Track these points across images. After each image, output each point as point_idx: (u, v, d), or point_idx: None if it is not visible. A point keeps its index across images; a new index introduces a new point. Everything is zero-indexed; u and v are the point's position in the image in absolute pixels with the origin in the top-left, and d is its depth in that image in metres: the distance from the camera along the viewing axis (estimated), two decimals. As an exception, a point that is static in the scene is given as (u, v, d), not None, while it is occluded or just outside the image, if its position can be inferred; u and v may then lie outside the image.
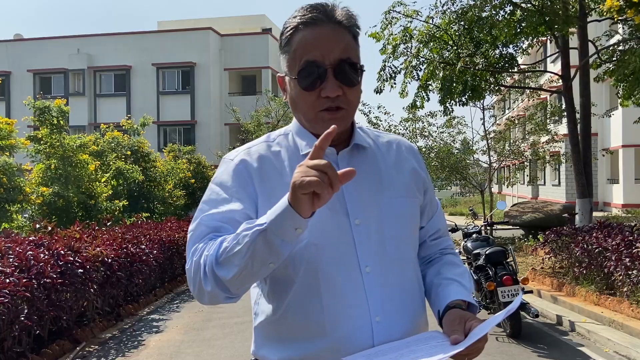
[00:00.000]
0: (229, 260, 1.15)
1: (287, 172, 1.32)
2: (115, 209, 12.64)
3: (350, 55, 1.28)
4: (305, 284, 1.27)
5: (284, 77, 1.34)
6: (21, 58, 31.24)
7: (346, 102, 1.29)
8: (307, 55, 1.26)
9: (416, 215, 1.40)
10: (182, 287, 9.82)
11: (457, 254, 1.52)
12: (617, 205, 23.27)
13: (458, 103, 11.82)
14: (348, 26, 1.30)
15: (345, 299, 1.26)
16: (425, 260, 1.49)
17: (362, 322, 1.25)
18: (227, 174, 1.33)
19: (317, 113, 1.28)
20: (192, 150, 22.44)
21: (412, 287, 1.35)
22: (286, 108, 24.12)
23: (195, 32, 30.43)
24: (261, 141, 1.41)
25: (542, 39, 13.55)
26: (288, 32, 1.30)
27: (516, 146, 19.11)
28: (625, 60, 9.85)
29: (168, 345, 5.95)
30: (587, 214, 10.53)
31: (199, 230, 1.27)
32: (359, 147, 1.37)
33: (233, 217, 1.25)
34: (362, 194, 1.32)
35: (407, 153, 1.45)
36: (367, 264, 1.28)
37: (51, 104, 12.35)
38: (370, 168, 1.36)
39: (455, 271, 1.42)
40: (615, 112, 22.14)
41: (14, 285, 4.67)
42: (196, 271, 1.21)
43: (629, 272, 6.18)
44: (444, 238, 1.51)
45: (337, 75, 1.26)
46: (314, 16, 1.28)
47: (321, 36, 1.27)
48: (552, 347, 5.65)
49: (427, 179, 1.46)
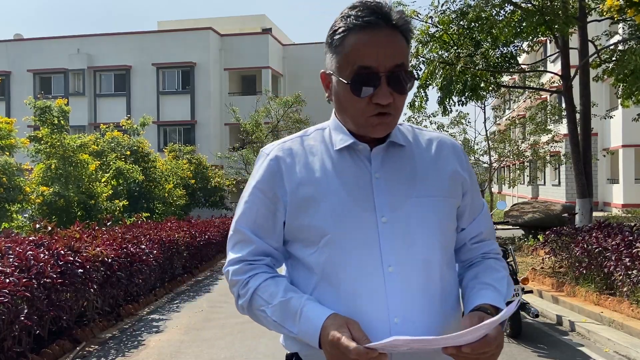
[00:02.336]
0: (257, 317, 1.35)
1: (316, 167, 1.33)
2: (115, 208, 12.65)
3: (403, 61, 1.26)
4: (326, 279, 1.28)
5: (330, 75, 1.32)
6: (21, 58, 31.24)
7: (395, 109, 1.27)
8: (361, 61, 1.24)
9: (449, 216, 1.35)
10: (182, 287, 9.82)
11: (500, 258, 1.46)
12: (617, 205, 23.28)
13: (457, 103, 11.83)
14: (403, 30, 1.27)
15: (364, 297, 1.25)
16: (466, 263, 1.45)
17: (380, 322, 1.23)
18: (261, 171, 1.37)
19: (366, 118, 1.27)
20: (193, 151, 22.45)
21: (436, 291, 1.30)
22: (286, 108, 24.14)
23: (195, 32, 30.43)
24: (297, 136, 1.42)
25: (542, 39, 13.55)
26: (341, 32, 1.27)
27: (516, 146, 19.11)
28: (625, 59, 9.85)
29: (168, 345, 5.95)
30: (587, 213, 10.53)
31: (235, 236, 1.41)
32: (394, 145, 1.35)
33: (264, 224, 1.36)
34: (392, 192, 1.30)
35: (449, 152, 1.39)
36: (390, 264, 1.26)
37: (52, 104, 12.36)
38: (403, 166, 1.34)
39: (493, 276, 1.37)
40: (615, 112, 22.14)
41: (14, 285, 4.67)
42: (230, 287, 1.41)
43: (628, 272, 6.18)
44: (486, 242, 1.45)
45: (390, 82, 1.24)
46: (371, 19, 1.24)
47: (377, 41, 1.24)
48: (552, 347, 5.65)
49: (469, 180, 1.40)
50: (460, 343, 1.14)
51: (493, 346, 1.17)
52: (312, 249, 1.30)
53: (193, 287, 9.82)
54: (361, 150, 1.33)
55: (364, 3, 1.27)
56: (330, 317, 1.20)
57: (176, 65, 30.16)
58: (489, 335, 1.16)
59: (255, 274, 1.34)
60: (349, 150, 1.33)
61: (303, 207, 1.30)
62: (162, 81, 30.56)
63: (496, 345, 1.18)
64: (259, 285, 1.32)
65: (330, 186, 1.30)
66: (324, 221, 1.28)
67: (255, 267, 1.36)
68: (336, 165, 1.32)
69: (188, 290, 9.58)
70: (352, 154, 1.33)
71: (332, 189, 1.30)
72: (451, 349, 1.15)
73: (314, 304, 1.25)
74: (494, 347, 1.17)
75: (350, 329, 1.17)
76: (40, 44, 31.62)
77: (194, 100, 29.99)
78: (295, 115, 24.40)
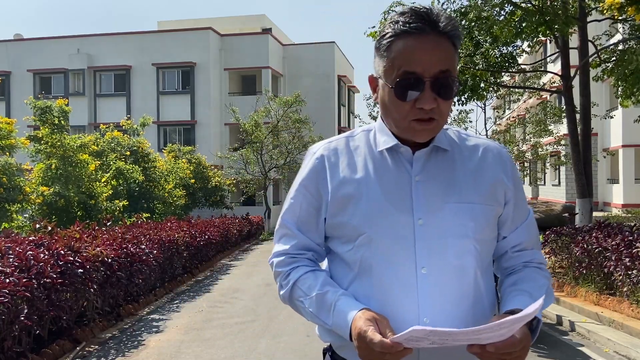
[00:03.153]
0: (296, 307, 1.41)
1: (359, 167, 1.37)
2: (115, 208, 12.65)
3: (449, 67, 1.27)
4: (361, 275, 1.32)
5: (377, 79, 1.35)
6: (21, 58, 31.22)
7: (439, 114, 1.28)
8: (407, 66, 1.25)
9: (488, 224, 1.34)
10: (182, 287, 9.82)
11: (543, 268, 1.44)
12: (617, 205, 23.28)
13: (457, 103, 11.82)
14: (451, 36, 1.28)
15: (395, 296, 1.28)
16: (507, 271, 1.45)
17: (410, 320, 1.25)
18: (307, 169, 1.43)
19: (409, 122, 1.28)
20: (192, 151, 22.44)
21: (468, 296, 1.30)
22: (286, 108, 24.12)
23: (195, 32, 30.41)
24: (343, 136, 1.46)
25: (542, 39, 13.54)
26: (389, 37, 1.28)
27: (517, 147, 19.09)
28: (625, 59, 9.85)
29: (168, 346, 5.95)
30: (587, 214, 10.53)
31: (281, 230, 1.47)
32: (437, 149, 1.36)
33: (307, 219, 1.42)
34: (430, 195, 1.31)
35: (493, 160, 1.39)
36: (423, 265, 1.27)
37: (52, 104, 12.36)
38: (445, 171, 1.34)
39: (532, 284, 1.36)
40: (615, 112, 22.15)
41: (14, 285, 4.67)
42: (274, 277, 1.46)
43: (628, 272, 6.19)
44: (529, 251, 1.44)
45: (434, 87, 1.25)
46: (418, 26, 1.25)
47: (424, 47, 1.25)
48: (552, 347, 5.65)
49: (513, 188, 1.39)
50: (481, 340, 1.13)
51: (518, 348, 1.16)
52: (349, 246, 1.34)
53: (193, 287, 9.82)
54: (403, 152, 1.35)
55: (413, 9, 1.28)
56: (361, 311, 1.24)
57: (176, 65, 30.14)
58: (514, 336, 1.16)
59: (296, 267, 1.41)
60: (392, 152, 1.36)
61: (342, 205, 1.35)
62: (162, 81, 30.53)
63: (521, 347, 1.17)
64: (299, 277, 1.38)
65: (370, 186, 1.33)
66: (361, 220, 1.31)
67: (297, 260, 1.42)
68: (377, 166, 1.36)
69: (188, 290, 9.58)
70: (394, 155, 1.36)
71: (372, 189, 1.33)
72: (476, 347, 1.15)
73: (348, 298, 1.30)
74: (519, 349, 1.17)
75: (378, 323, 1.20)
76: (40, 44, 31.60)
77: (194, 100, 29.98)
78: (295, 115, 24.39)
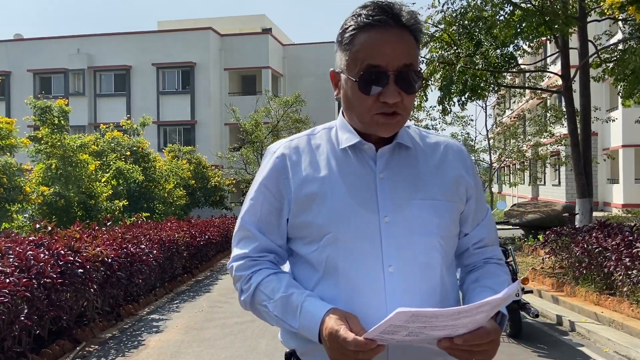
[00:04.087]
0: (259, 313, 1.36)
1: (321, 165, 1.34)
2: (115, 208, 12.65)
3: (412, 61, 1.26)
4: (327, 276, 1.29)
5: (339, 73, 1.33)
6: (21, 58, 31.22)
7: (402, 108, 1.27)
8: (370, 59, 1.24)
9: (452, 220, 1.35)
10: (182, 287, 9.82)
11: (502, 264, 1.45)
12: (617, 205, 23.27)
13: (458, 103, 11.82)
14: (413, 30, 1.28)
15: (363, 295, 1.25)
16: (468, 268, 1.45)
17: (377, 320, 1.21)
18: (267, 169, 1.39)
19: (372, 116, 1.27)
20: (192, 151, 22.44)
21: (435, 293, 1.29)
22: (286, 108, 24.12)
23: (195, 32, 30.41)
24: (304, 134, 1.43)
25: (542, 39, 13.55)
26: (351, 30, 1.27)
27: (517, 146, 19.08)
28: (625, 59, 9.85)
29: (168, 346, 5.95)
30: (587, 213, 10.53)
31: (240, 233, 1.41)
32: (400, 146, 1.35)
33: (268, 220, 1.37)
34: (395, 192, 1.30)
35: (454, 157, 1.39)
36: (390, 264, 1.26)
37: (52, 104, 12.35)
38: (408, 168, 1.34)
39: (495, 280, 1.36)
40: (615, 112, 22.13)
41: (14, 285, 4.66)
42: (234, 282, 1.41)
43: (628, 272, 6.18)
44: (490, 247, 1.45)
45: (398, 81, 1.24)
46: (381, 18, 1.24)
47: (387, 40, 1.24)
48: (552, 347, 5.65)
49: (474, 185, 1.40)
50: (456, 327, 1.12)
51: (486, 340, 1.15)
52: (314, 247, 1.31)
53: (193, 287, 9.82)
54: (366, 150, 1.33)
55: (375, 2, 1.27)
56: (330, 311, 1.22)
57: (176, 65, 30.14)
58: (483, 327, 1.15)
59: (258, 270, 1.35)
60: (355, 150, 1.34)
61: (306, 205, 1.31)
62: (162, 81, 30.54)
63: (490, 340, 1.16)
64: (262, 280, 1.33)
65: (334, 185, 1.31)
66: (326, 219, 1.29)
67: (258, 263, 1.36)
68: (341, 164, 1.33)
69: (188, 290, 9.58)
70: (357, 153, 1.34)
71: (336, 187, 1.30)
72: (445, 341, 1.14)
73: (314, 299, 1.26)
74: (488, 341, 1.16)
75: (349, 321, 1.18)
76: (40, 44, 31.60)
77: (193, 100, 29.98)
78: (295, 115, 24.39)
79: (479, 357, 1.17)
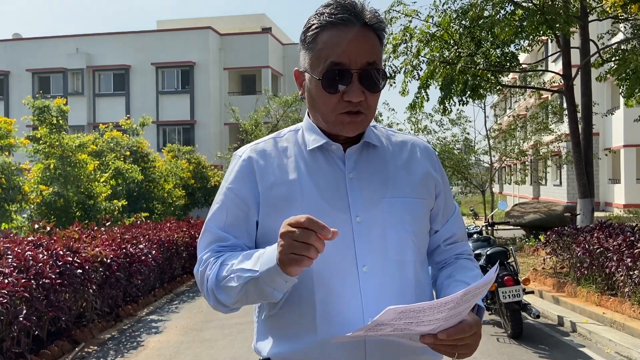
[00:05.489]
0: (226, 289, 1.24)
1: (290, 168, 1.33)
2: (114, 209, 12.61)
3: (376, 60, 1.27)
4: (300, 279, 1.24)
5: (303, 72, 1.33)
6: (20, 57, 31.20)
7: (366, 107, 1.28)
8: (333, 57, 1.24)
9: (423, 217, 1.36)
10: (181, 287, 9.79)
11: (473, 259, 1.47)
12: (618, 205, 23.26)
13: (458, 102, 11.79)
14: (376, 29, 1.28)
15: (338, 296, 1.24)
16: (440, 265, 1.46)
17: (354, 321, 1.22)
18: (234, 172, 1.37)
19: (337, 115, 1.28)
20: (192, 151, 22.41)
21: (410, 290, 1.30)
22: (286, 107, 24.11)
23: (195, 32, 30.40)
24: (270, 137, 1.42)
25: (543, 38, 13.52)
26: (314, 29, 1.28)
27: (518, 146, 19.02)
28: (627, 59, 9.83)
29: (167, 346, 5.93)
30: (589, 214, 10.50)
31: (206, 237, 1.35)
32: (368, 145, 1.36)
33: (236, 224, 1.33)
34: (365, 192, 1.30)
35: (421, 154, 1.41)
36: (364, 263, 1.26)
37: (51, 104, 12.31)
38: (377, 167, 1.34)
39: (468, 274, 1.37)
40: (616, 111, 22.11)
41: (13, 286, 4.64)
42: (201, 283, 1.32)
43: (630, 272, 6.16)
44: (459, 243, 1.47)
45: (362, 80, 1.25)
46: (344, 17, 1.25)
47: (350, 39, 1.24)
48: (553, 347, 5.62)
49: (442, 181, 1.42)
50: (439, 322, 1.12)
51: (468, 333, 1.15)
52: None
53: (192, 288, 9.79)
54: (334, 150, 1.33)
55: (338, 1, 1.27)
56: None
57: (175, 65, 30.13)
58: (465, 321, 1.16)
59: (222, 254, 1.30)
60: (322, 151, 1.34)
61: (277, 208, 1.29)
62: (162, 81, 30.53)
63: (472, 333, 1.16)
64: (226, 257, 1.27)
65: (304, 187, 1.30)
66: None
67: (224, 251, 1.31)
68: (309, 166, 1.32)
69: (187, 290, 9.55)
70: (325, 154, 1.34)
71: (306, 189, 1.29)
72: (428, 337, 1.14)
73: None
74: (470, 334, 1.16)
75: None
76: (39, 43, 31.58)
77: (193, 100, 29.97)
78: (295, 114, 24.38)
79: (462, 350, 1.18)
